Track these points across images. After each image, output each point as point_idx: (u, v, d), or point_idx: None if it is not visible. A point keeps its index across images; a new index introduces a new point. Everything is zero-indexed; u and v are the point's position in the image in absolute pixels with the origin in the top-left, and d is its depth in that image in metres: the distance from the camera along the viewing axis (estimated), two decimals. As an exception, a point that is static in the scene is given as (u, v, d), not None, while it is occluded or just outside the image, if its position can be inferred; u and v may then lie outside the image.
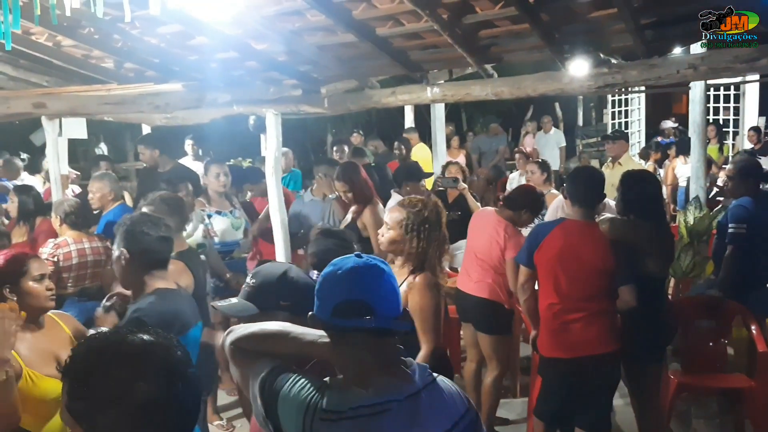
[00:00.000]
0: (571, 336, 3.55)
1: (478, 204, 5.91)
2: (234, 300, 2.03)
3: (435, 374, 1.70)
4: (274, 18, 4.31)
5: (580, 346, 3.53)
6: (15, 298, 2.66)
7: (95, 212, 5.21)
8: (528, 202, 4.43)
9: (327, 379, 1.62)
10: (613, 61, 4.02)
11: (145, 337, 1.34)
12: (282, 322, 1.76)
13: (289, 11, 4.22)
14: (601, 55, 4.02)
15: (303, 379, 1.60)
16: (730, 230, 4.55)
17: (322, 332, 1.67)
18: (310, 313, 1.67)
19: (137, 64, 5.53)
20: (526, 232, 4.34)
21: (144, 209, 3.68)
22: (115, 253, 2.77)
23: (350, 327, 1.60)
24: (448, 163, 6.63)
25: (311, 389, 1.57)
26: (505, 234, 4.28)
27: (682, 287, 6.08)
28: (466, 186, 5.98)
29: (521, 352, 5.31)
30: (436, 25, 3.95)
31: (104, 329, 2.62)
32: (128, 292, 2.86)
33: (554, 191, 6.11)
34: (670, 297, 5.81)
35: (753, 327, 4.25)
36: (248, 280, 2.03)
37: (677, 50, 5.04)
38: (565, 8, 3.84)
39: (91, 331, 2.64)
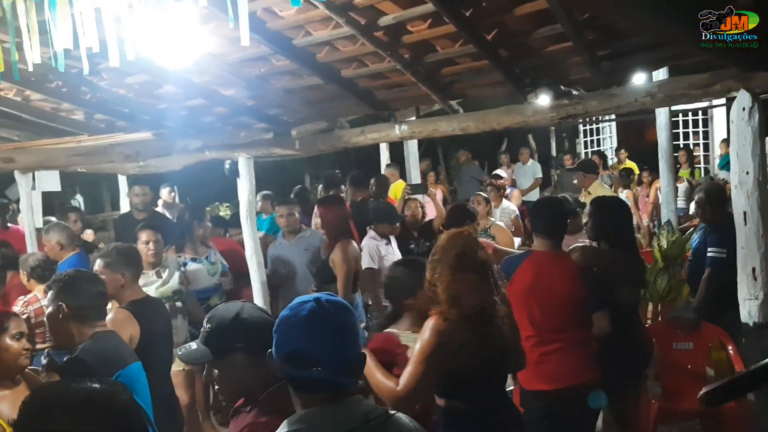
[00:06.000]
0: (551, 367, 3.52)
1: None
2: (193, 345, 2.01)
3: (392, 411, 1.70)
4: (239, 64, 4.37)
5: (560, 377, 3.50)
6: None
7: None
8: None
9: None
10: (574, 92, 4.09)
11: (89, 385, 1.35)
12: None
13: (254, 57, 4.29)
14: (562, 87, 4.08)
15: None
16: (709, 254, 4.57)
17: None
18: (269, 350, 1.66)
19: (107, 114, 5.57)
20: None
21: (98, 261, 3.64)
22: (50, 307, 2.88)
23: (299, 376, 1.61)
24: (407, 200, 6.23)
25: None
26: None
27: (660, 311, 6.09)
28: (434, 191, 6.18)
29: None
30: (399, 65, 4.03)
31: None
32: None
33: (498, 222, 6.03)
34: (649, 321, 5.82)
35: (730, 347, 4.26)
36: (204, 324, 2.01)
37: (641, 78, 5.13)
38: (521, 44, 3.92)
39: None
